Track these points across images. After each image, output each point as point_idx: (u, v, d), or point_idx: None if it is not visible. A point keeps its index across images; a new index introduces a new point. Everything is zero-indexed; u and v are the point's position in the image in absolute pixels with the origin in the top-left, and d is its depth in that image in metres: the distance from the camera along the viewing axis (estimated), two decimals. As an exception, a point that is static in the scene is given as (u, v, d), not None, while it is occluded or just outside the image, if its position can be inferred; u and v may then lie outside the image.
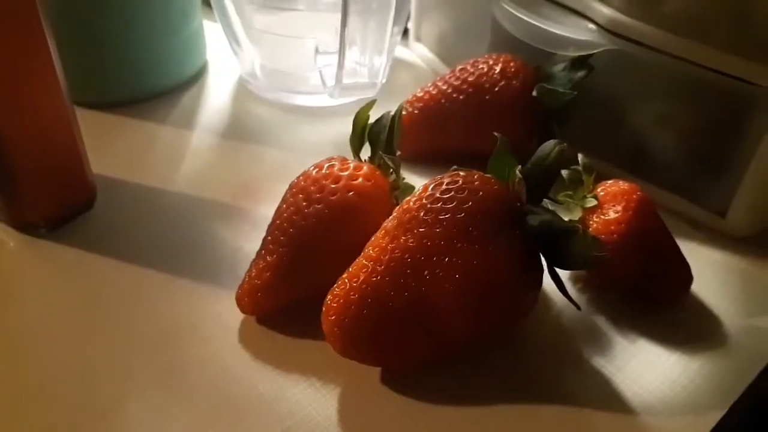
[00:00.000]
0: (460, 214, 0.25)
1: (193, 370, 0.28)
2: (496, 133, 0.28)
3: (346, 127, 0.31)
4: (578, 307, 0.27)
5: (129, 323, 0.29)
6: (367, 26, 0.38)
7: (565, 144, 0.27)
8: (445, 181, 0.27)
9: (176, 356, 0.28)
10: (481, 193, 0.26)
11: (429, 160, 0.37)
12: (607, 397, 0.27)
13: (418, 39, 0.50)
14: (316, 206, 0.28)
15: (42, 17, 0.30)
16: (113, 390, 0.27)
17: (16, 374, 0.27)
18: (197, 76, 0.47)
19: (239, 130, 0.43)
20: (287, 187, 0.30)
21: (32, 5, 0.30)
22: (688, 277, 0.30)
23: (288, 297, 0.29)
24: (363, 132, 0.32)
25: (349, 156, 0.31)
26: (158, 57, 0.44)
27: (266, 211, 0.33)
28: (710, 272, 0.32)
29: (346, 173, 0.29)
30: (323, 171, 0.29)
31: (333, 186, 0.29)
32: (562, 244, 0.26)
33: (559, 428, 0.26)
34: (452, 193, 0.26)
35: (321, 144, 0.41)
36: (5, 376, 0.27)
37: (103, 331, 0.29)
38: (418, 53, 0.50)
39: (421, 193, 0.27)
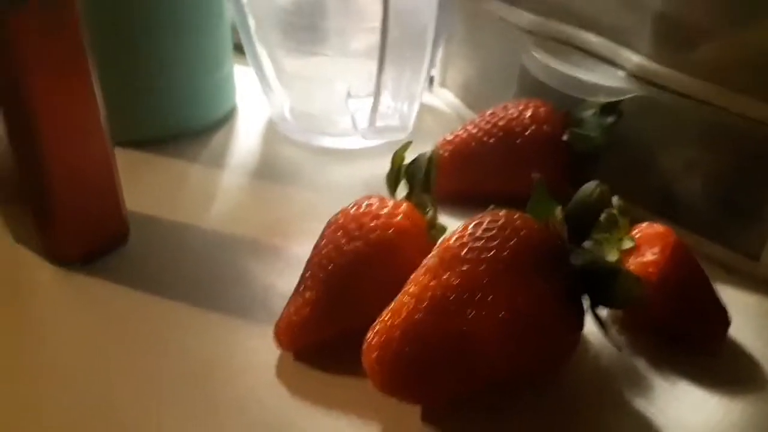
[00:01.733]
0: (505, 252, 0.25)
1: (228, 406, 0.27)
2: (534, 174, 0.28)
3: (375, 169, 0.32)
4: (620, 348, 0.27)
5: (161, 359, 0.29)
6: (401, 73, 0.39)
7: (606, 186, 0.27)
8: (486, 219, 0.27)
9: (211, 393, 0.28)
10: (523, 231, 0.26)
11: (458, 203, 0.38)
12: (649, 440, 0.27)
13: (443, 85, 0.51)
14: (356, 243, 0.29)
15: (90, 62, 0.31)
16: (145, 427, 0.26)
17: (46, 409, 0.27)
18: (226, 118, 0.48)
19: (269, 170, 0.43)
20: (318, 225, 0.31)
21: (82, 51, 0.31)
22: (726, 320, 0.30)
23: (326, 333, 0.29)
24: (399, 171, 0.32)
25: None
26: (190, 98, 0.45)
27: (298, 249, 0.34)
28: (746, 316, 0.32)
29: (386, 211, 0.29)
30: (362, 209, 0.30)
31: (372, 223, 0.29)
32: (606, 284, 0.26)
33: (602, 471, 0.25)
34: (494, 231, 0.26)
35: (351, 185, 0.42)
36: (36, 410, 0.27)
37: (135, 367, 0.29)
38: (444, 99, 0.51)
39: (461, 231, 0.27)
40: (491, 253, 0.26)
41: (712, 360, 0.30)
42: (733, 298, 0.33)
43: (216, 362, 0.29)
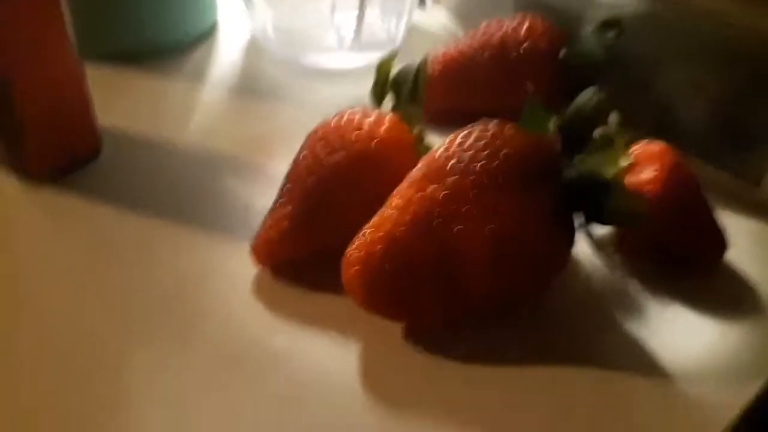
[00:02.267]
0: (493, 164, 0.24)
1: (203, 323, 0.26)
2: (527, 84, 0.26)
3: (361, 89, 0.30)
4: (613, 268, 0.26)
5: (135, 275, 0.28)
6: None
7: (603, 93, 0.25)
8: (476, 130, 0.25)
9: (186, 309, 0.27)
10: (514, 142, 0.24)
11: (448, 120, 0.36)
12: (641, 362, 0.25)
13: (436, 1, 0.48)
14: (337, 155, 0.27)
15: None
16: (119, 343, 0.25)
17: (17, 327, 0.26)
18: (207, 34, 0.46)
19: (251, 87, 0.41)
20: (301, 142, 0.29)
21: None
22: (723, 241, 0.29)
23: (305, 248, 0.28)
24: (385, 82, 0.30)
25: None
26: (167, 10, 0.42)
27: (279, 166, 0.32)
28: (744, 240, 0.31)
29: (369, 122, 0.28)
30: (344, 120, 0.28)
31: (355, 135, 0.27)
32: (601, 199, 0.24)
33: (591, 392, 0.24)
34: (484, 142, 0.25)
35: (336, 103, 0.39)
36: (6, 329, 0.26)
37: (108, 283, 0.28)
38: (436, 17, 0.48)
39: (448, 143, 0.25)
40: (479, 165, 0.24)
41: (708, 283, 0.29)
42: (732, 223, 0.31)
43: (192, 279, 0.28)
